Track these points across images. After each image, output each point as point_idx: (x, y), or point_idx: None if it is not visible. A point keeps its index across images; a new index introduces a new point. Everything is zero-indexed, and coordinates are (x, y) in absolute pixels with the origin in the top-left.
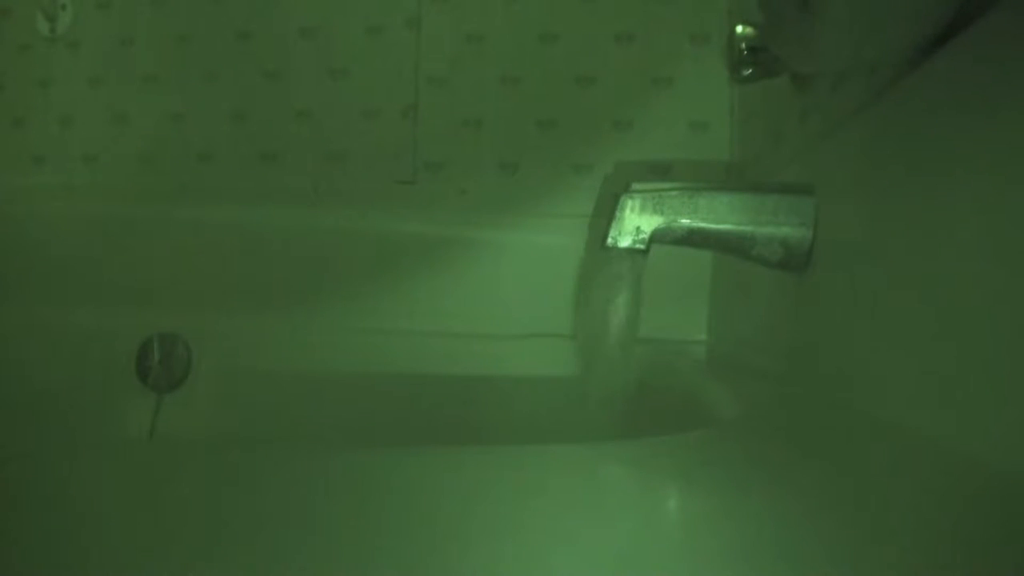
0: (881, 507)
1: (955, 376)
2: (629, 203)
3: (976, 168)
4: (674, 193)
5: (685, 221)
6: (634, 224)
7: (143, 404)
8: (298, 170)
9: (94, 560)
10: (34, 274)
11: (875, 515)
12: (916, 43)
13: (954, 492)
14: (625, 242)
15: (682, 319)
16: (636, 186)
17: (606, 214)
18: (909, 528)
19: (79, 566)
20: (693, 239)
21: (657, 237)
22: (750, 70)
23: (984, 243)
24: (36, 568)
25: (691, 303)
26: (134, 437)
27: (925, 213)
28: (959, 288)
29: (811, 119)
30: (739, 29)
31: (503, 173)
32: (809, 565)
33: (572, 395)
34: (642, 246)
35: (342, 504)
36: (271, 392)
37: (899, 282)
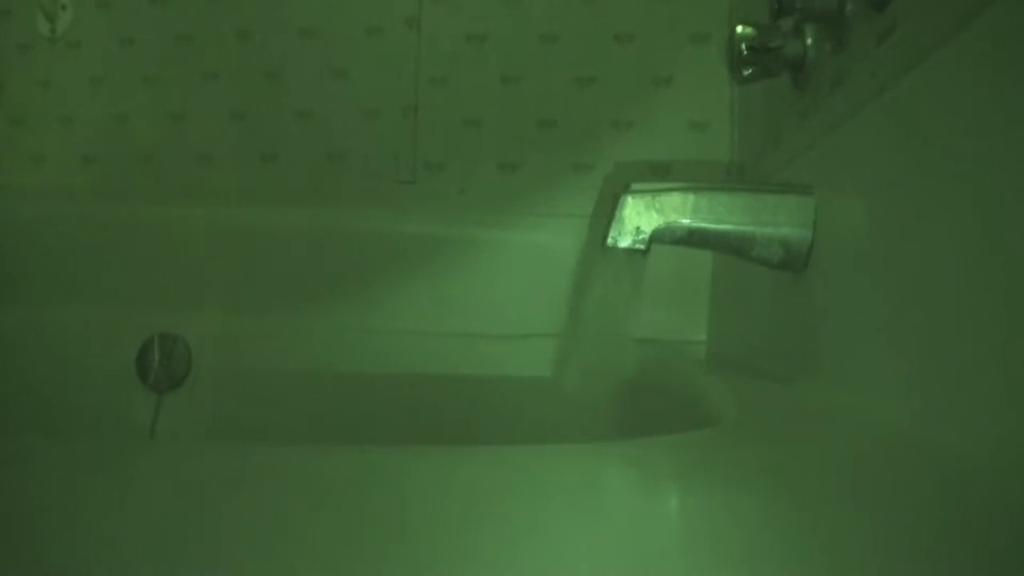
0: (880, 508)
1: (955, 377)
2: (629, 203)
3: (976, 168)
4: (674, 193)
5: (685, 221)
6: (634, 224)
7: (143, 404)
8: (298, 170)
9: (94, 560)
10: (34, 274)
11: (874, 515)
12: None
13: (953, 493)
14: (625, 242)
15: (682, 319)
16: (636, 186)
17: (606, 214)
18: (908, 528)
19: (78, 566)
20: (693, 239)
21: (657, 237)
22: (750, 70)
23: (985, 243)
24: (36, 568)
25: (691, 303)
26: (134, 437)
27: (925, 213)
28: (960, 289)
29: (811, 119)
30: (739, 29)
31: (503, 173)
32: (808, 565)
33: (572, 395)
34: (642, 246)
35: (342, 504)
36: (271, 392)
37: (899, 282)
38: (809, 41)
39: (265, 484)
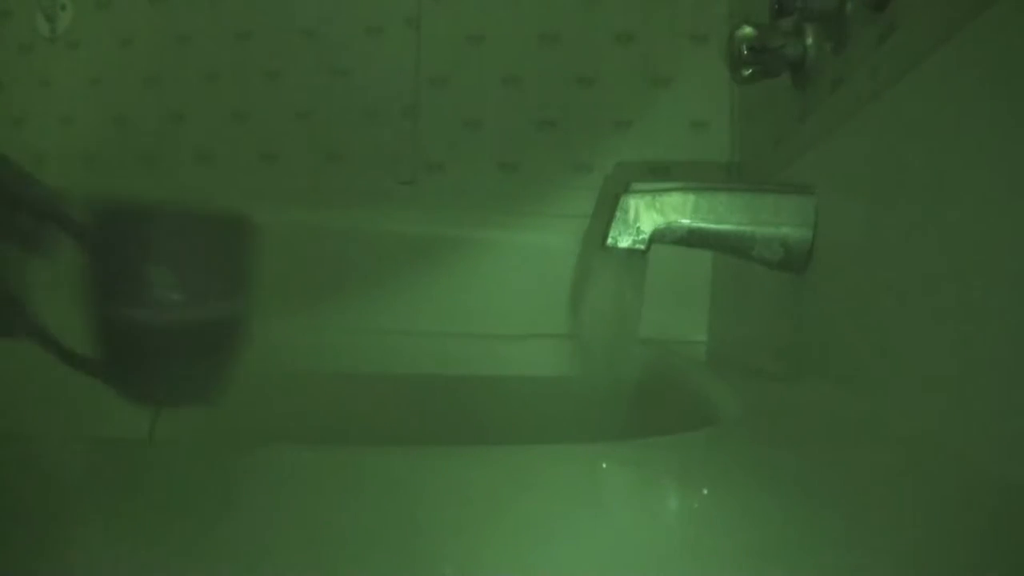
0: (881, 507)
1: (955, 377)
2: (629, 203)
3: (976, 167)
4: (674, 193)
5: (685, 221)
6: (634, 224)
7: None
8: (298, 170)
9: (93, 560)
10: None
11: (875, 515)
12: None
13: (954, 493)
14: (625, 242)
15: (682, 319)
16: (636, 186)
17: (606, 214)
18: (909, 528)
19: (78, 566)
20: (693, 239)
21: (657, 237)
22: (750, 70)
23: (984, 243)
24: (35, 568)
25: (691, 303)
26: (133, 438)
27: (925, 213)
28: (959, 289)
29: (811, 119)
30: (739, 29)
31: (503, 173)
32: (809, 565)
33: (572, 395)
34: (642, 246)
35: (341, 503)
36: (271, 392)
37: (899, 282)
38: (809, 41)
39: (264, 485)
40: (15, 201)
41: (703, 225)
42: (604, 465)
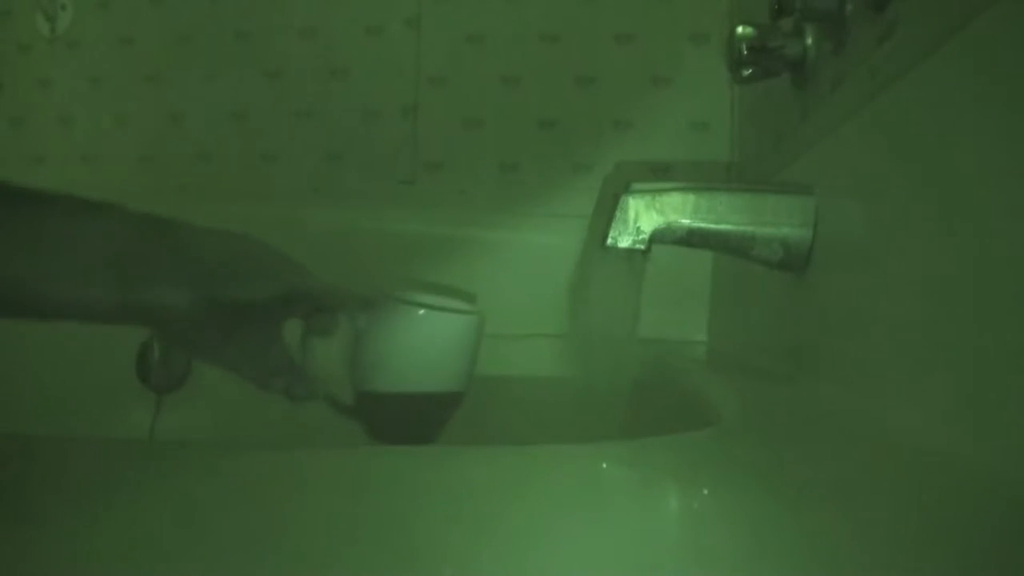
0: (880, 507)
1: (954, 377)
2: (629, 203)
3: (976, 167)
4: (674, 193)
5: (685, 221)
6: (634, 224)
7: (143, 404)
8: (298, 170)
9: (93, 560)
10: None
11: (874, 515)
12: None
13: (954, 493)
14: (625, 242)
15: (682, 319)
16: (636, 186)
17: (606, 214)
18: (908, 528)
19: (78, 566)
20: (693, 239)
21: (657, 237)
22: (750, 70)
23: (984, 242)
24: (35, 568)
25: (691, 303)
26: (134, 437)
27: (925, 213)
28: (958, 289)
29: (811, 119)
30: (739, 29)
31: (503, 173)
32: (809, 565)
33: (572, 395)
34: (642, 246)
35: (341, 505)
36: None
37: (900, 282)
38: (809, 41)
39: (265, 486)
40: (302, 295)
41: (703, 225)
42: (604, 465)
